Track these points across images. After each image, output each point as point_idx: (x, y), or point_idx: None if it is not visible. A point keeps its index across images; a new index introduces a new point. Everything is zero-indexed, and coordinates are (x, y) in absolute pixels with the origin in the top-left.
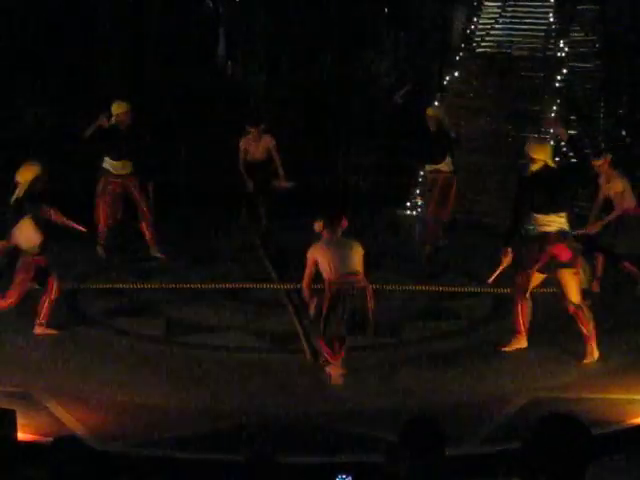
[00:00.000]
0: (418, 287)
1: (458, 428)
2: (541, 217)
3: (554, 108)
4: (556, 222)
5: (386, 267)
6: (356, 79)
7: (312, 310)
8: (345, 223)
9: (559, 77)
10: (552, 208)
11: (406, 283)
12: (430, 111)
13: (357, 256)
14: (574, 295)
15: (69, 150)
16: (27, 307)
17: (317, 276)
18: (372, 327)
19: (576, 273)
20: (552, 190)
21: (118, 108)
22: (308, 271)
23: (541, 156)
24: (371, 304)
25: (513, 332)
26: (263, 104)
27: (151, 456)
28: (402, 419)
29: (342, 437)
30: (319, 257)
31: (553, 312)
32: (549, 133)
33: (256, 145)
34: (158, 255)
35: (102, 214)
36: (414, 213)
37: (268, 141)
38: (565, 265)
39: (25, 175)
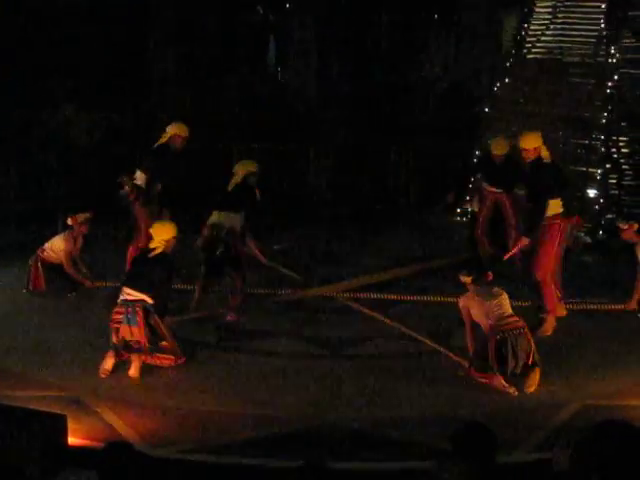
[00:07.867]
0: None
1: (509, 435)
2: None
3: (605, 114)
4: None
5: (436, 274)
6: (408, 84)
7: (472, 350)
8: (490, 276)
9: (610, 83)
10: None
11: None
12: (497, 149)
13: (506, 301)
14: (541, 270)
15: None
16: (73, 314)
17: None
18: (538, 358)
19: (549, 253)
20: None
21: (176, 129)
22: (467, 322)
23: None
24: (531, 340)
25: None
26: (314, 110)
27: (201, 462)
28: (453, 426)
29: (390, 443)
30: (473, 308)
31: (604, 322)
32: (600, 139)
33: None
34: None
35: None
36: (464, 220)
37: None
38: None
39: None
